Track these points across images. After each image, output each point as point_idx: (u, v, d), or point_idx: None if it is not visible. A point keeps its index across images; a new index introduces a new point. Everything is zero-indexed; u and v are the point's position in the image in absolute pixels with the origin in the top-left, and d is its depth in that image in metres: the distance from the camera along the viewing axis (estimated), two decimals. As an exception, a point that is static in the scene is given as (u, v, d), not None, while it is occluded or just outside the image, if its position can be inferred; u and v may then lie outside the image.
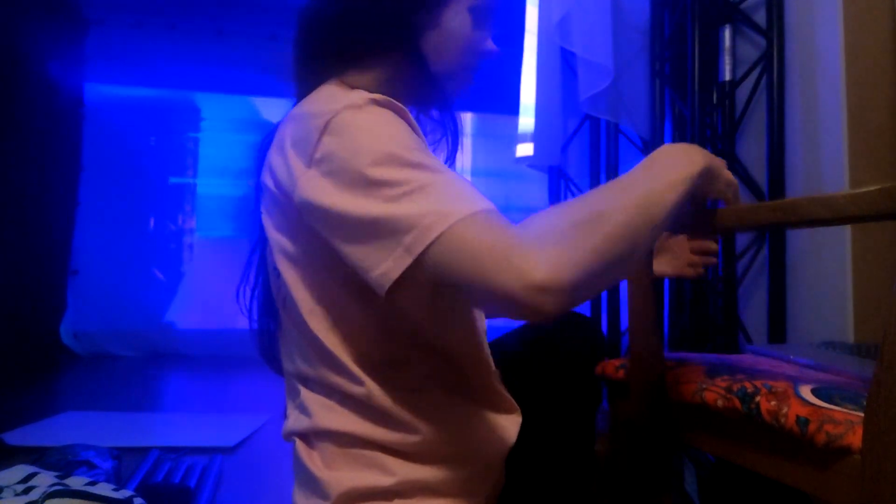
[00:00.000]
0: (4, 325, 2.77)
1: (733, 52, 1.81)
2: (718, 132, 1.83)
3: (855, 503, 0.50)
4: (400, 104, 0.56)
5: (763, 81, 1.73)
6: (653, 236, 0.52)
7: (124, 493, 1.09)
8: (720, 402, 0.63)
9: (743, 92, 1.81)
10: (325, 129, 0.52)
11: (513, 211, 3.84)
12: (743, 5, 1.81)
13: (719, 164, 0.63)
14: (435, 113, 0.72)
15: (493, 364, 0.67)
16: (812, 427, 0.53)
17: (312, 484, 0.60)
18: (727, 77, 1.81)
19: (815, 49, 1.53)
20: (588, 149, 2.24)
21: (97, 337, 3.58)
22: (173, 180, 3.94)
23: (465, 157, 0.74)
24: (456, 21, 0.65)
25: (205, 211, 3.97)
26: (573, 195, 2.26)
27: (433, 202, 0.47)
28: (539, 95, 2.09)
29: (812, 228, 1.48)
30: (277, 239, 0.60)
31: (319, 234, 0.54)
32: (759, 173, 1.73)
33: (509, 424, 0.65)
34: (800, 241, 1.58)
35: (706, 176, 0.59)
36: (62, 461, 1.32)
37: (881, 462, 0.47)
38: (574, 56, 2.02)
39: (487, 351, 0.67)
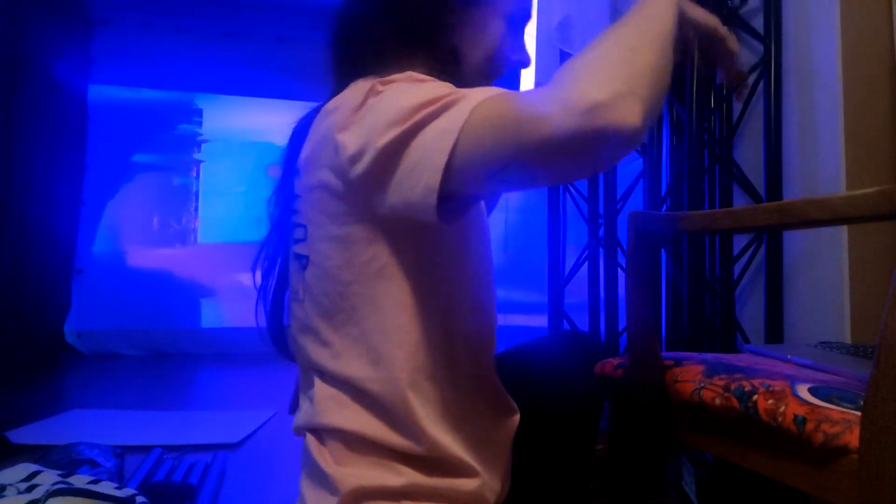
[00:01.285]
0: (9, 323, 2.78)
1: (732, 55, 1.81)
2: (716, 136, 1.84)
3: (852, 503, 0.50)
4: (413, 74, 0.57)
5: (761, 86, 1.74)
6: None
7: (127, 492, 1.10)
8: (718, 401, 0.63)
9: (742, 95, 1.82)
10: (369, 92, 0.55)
11: (511, 210, 3.85)
12: (741, 11, 1.82)
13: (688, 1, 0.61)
14: None
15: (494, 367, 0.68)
16: (809, 426, 0.53)
17: (321, 478, 0.60)
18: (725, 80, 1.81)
19: (812, 54, 1.54)
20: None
21: (101, 336, 3.58)
22: (177, 181, 3.95)
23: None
24: (490, 27, 0.67)
25: (208, 211, 3.98)
26: (571, 196, 2.27)
27: (453, 111, 0.47)
28: (539, 97, 2.09)
29: (809, 230, 1.49)
30: (324, 228, 0.60)
31: (367, 210, 0.55)
32: (757, 177, 1.74)
33: (512, 427, 0.66)
34: (797, 242, 1.58)
35: (681, 8, 0.58)
36: (65, 459, 1.32)
37: (878, 461, 0.47)
38: (574, 58, 2.02)
39: (493, 349, 0.68)
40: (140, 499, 1.10)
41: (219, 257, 3.95)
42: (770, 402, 0.58)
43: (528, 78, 2.20)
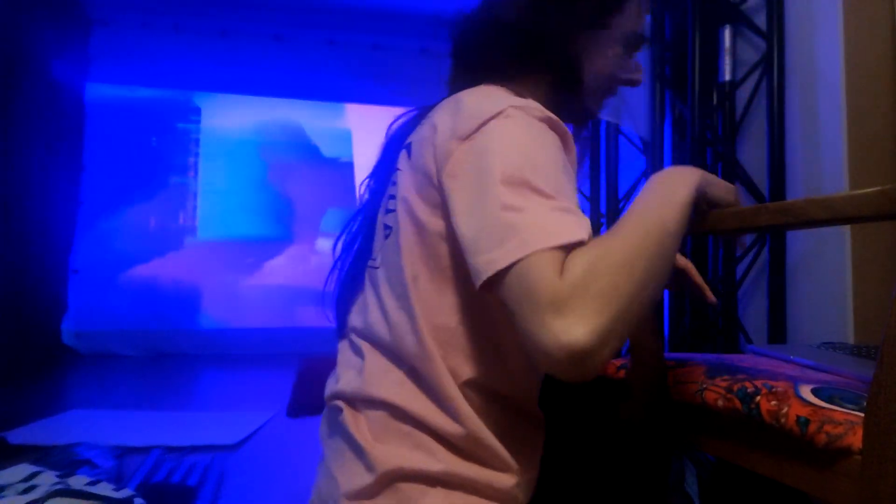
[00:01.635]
0: (6, 324, 2.78)
1: (733, 53, 1.81)
2: (719, 134, 1.84)
3: (855, 503, 0.50)
4: (565, 127, 0.60)
5: (763, 83, 1.74)
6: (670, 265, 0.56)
7: (125, 493, 1.09)
8: (720, 403, 0.63)
9: (743, 93, 1.82)
10: (494, 116, 0.56)
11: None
12: (743, 6, 1.81)
13: (711, 176, 0.65)
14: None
15: None
16: (812, 427, 0.53)
17: (355, 451, 0.60)
18: (727, 78, 1.81)
19: (814, 51, 1.53)
20: (588, 149, 2.24)
21: (99, 336, 3.58)
22: (174, 180, 3.95)
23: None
24: (610, 51, 0.72)
25: (206, 210, 3.98)
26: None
27: (527, 227, 0.49)
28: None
29: (812, 230, 1.49)
30: (413, 207, 0.62)
31: (447, 214, 0.58)
32: (760, 175, 1.73)
33: (542, 434, 0.67)
34: (800, 242, 1.58)
35: (703, 189, 0.62)
36: (64, 460, 1.32)
37: (881, 462, 0.47)
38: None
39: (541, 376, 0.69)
40: (138, 500, 1.10)
41: (217, 257, 3.95)
42: (773, 403, 0.58)
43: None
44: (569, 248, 0.48)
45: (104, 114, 3.73)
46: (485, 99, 0.60)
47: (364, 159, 4.20)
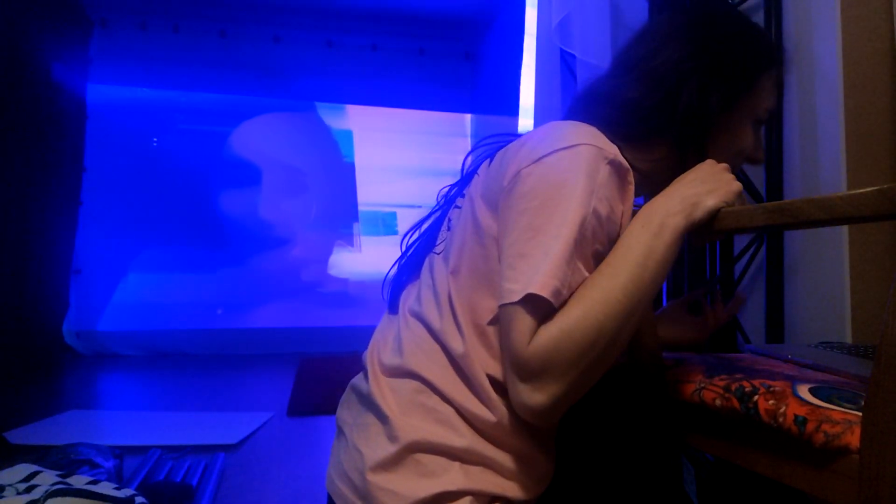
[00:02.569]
0: (7, 324, 2.78)
1: (733, 53, 1.81)
2: (718, 134, 1.84)
3: (853, 503, 0.50)
4: (631, 175, 0.62)
5: (763, 83, 1.74)
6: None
7: (126, 492, 1.10)
8: (718, 402, 0.63)
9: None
10: (565, 148, 0.59)
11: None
12: (741, 7, 1.81)
13: (697, 192, 0.63)
14: None
15: None
16: (810, 427, 0.53)
17: (381, 419, 0.62)
18: (727, 79, 1.81)
19: (813, 51, 1.54)
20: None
21: (99, 336, 3.59)
22: (174, 180, 3.95)
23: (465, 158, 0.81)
24: (740, 132, 0.72)
25: (206, 210, 3.98)
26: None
27: (535, 267, 0.55)
28: (538, 97, 2.09)
29: (809, 230, 1.49)
30: (477, 207, 0.66)
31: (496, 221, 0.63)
32: (757, 176, 1.73)
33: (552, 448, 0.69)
34: (798, 242, 1.58)
35: (690, 221, 0.61)
36: (64, 460, 1.32)
37: (879, 462, 0.47)
38: (573, 58, 2.03)
39: None
40: (139, 499, 1.10)
41: (217, 257, 3.95)
42: (771, 402, 0.58)
43: (527, 78, 2.20)
44: (547, 305, 0.54)
45: (105, 114, 3.73)
46: (572, 129, 0.62)
47: (365, 160, 4.20)
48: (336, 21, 3.95)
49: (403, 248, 0.79)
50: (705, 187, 0.63)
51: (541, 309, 0.54)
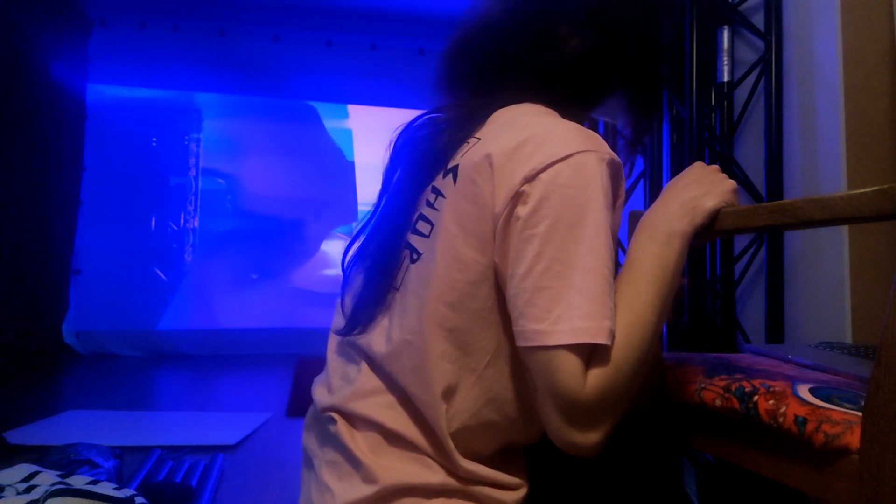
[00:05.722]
0: (7, 324, 2.78)
1: (731, 53, 1.81)
2: (716, 133, 1.84)
3: (853, 503, 0.50)
4: (622, 168, 0.59)
5: (761, 83, 1.74)
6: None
7: (126, 492, 1.09)
8: (718, 402, 0.63)
9: (741, 93, 1.82)
10: (562, 160, 0.54)
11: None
12: (741, 7, 1.81)
13: (695, 197, 0.62)
14: None
15: None
16: (810, 427, 0.53)
17: (352, 463, 0.59)
18: (725, 78, 1.82)
19: (813, 51, 1.54)
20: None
21: (99, 336, 3.58)
22: (175, 180, 3.95)
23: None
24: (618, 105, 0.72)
25: (206, 210, 3.98)
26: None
27: (573, 308, 0.51)
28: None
29: (810, 230, 1.49)
30: (451, 238, 0.58)
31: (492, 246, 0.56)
32: (757, 175, 1.73)
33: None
34: (798, 242, 1.58)
35: (694, 226, 0.60)
36: (64, 460, 1.32)
37: (879, 462, 0.47)
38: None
39: None
40: (139, 499, 1.10)
41: (217, 257, 3.95)
42: (771, 402, 0.58)
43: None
44: (602, 349, 0.51)
45: (104, 114, 3.73)
46: (556, 133, 0.56)
47: (365, 159, 4.20)
48: (336, 20, 3.95)
49: (345, 267, 0.70)
50: (701, 189, 0.62)
51: (591, 353, 0.51)
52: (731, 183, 0.64)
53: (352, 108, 4.23)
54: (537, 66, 0.66)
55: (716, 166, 0.66)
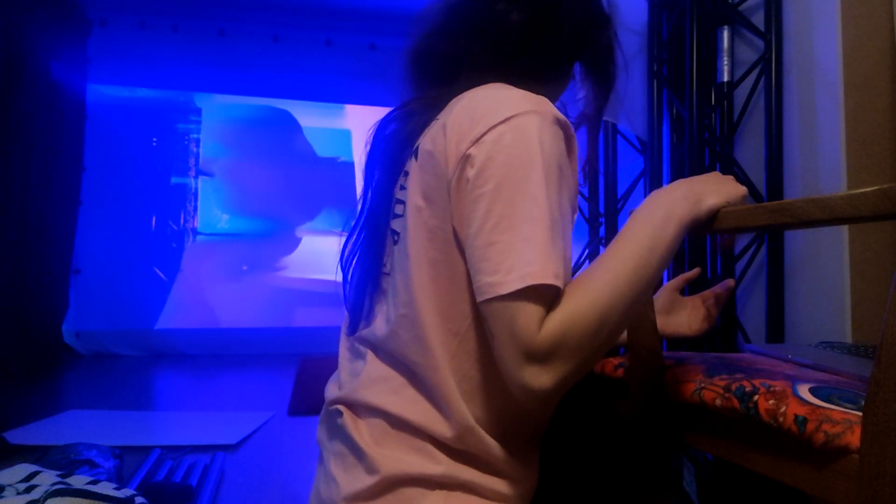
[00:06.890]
0: (6, 323, 2.78)
1: (731, 53, 1.82)
2: (716, 133, 1.84)
3: (853, 503, 0.50)
4: (572, 129, 0.60)
5: (761, 83, 1.74)
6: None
7: (126, 492, 1.09)
8: (718, 402, 0.63)
9: (741, 93, 1.82)
10: (506, 119, 0.56)
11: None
12: (741, 7, 1.81)
13: (703, 188, 0.64)
14: None
15: None
16: (810, 426, 0.53)
17: (356, 454, 0.61)
18: (725, 78, 1.82)
19: (813, 51, 1.54)
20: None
21: (99, 336, 3.58)
22: (175, 180, 3.95)
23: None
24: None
25: (206, 210, 3.98)
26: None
27: (522, 256, 0.52)
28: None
29: (809, 230, 1.49)
30: (420, 212, 0.61)
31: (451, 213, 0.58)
32: (757, 175, 1.73)
33: (537, 446, 0.68)
34: (798, 242, 1.58)
35: (695, 214, 0.61)
36: (64, 460, 1.32)
37: (880, 462, 0.47)
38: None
39: None
40: (139, 499, 1.10)
41: (217, 257, 3.95)
42: (771, 402, 0.58)
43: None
44: (553, 291, 0.52)
45: (104, 114, 3.73)
46: (500, 99, 0.59)
47: (364, 159, 4.20)
48: (335, 20, 3.95)
49: (343, 261, 0.73)
50: (710, 187, 0.64)
51: (546, 296, 0.53)
52: (743, 188, 0.65)
53: (350, 108, 4.23)
54: (488, 44, 0.69)
55: (730, 176, 0.68)
